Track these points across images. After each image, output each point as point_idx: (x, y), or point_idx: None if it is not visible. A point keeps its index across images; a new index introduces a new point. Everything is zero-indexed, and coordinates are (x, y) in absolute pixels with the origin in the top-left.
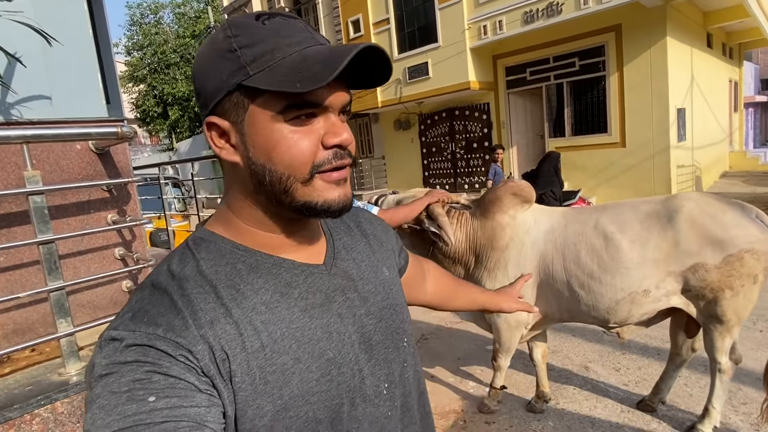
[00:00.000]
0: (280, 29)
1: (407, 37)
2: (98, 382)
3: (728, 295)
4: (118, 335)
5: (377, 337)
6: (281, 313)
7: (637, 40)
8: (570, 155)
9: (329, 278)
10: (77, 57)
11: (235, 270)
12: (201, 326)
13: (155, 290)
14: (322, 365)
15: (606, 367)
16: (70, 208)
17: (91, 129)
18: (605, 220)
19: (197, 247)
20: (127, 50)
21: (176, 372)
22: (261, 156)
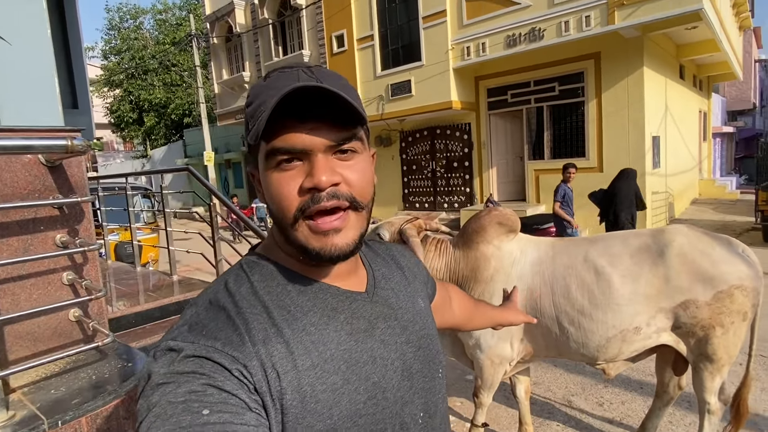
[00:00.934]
0: (273, 82)
1: (391, 54)
2: (155, 391)
3: (719, 332)
4: (176, 346)
5: (417, 365)
6: (329, 335)
7: (615, 68)
8: (548, 178)
9: (371, 306)
10: (32, 60)
11: (285, 291)
12: (255, 343)
13: (212, 306)
14: (369, 388)
15: (589, 401)
16: (12, 226)
17: (35, 141)
18: (595, 254)
19: (251, 269)
20: (104, 54)
21: (230, 387)
22: (268, 199)
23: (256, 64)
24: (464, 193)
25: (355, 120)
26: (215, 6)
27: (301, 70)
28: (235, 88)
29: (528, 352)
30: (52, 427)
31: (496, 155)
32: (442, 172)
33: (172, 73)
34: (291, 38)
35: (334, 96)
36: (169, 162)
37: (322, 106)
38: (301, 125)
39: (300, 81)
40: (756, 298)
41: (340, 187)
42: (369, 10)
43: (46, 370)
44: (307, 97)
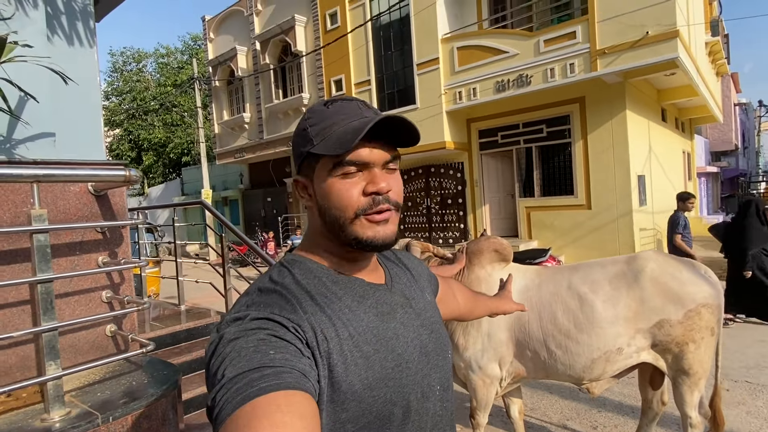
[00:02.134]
0: (338, 109)
1: (387, 97)
2: (228, 344)
3: (692, 348)
4: (242, 314)
5: (431, 345)
6: (360, 315)
7: (600, 111)
8: (539, 215)
9: (391, 295)
10: (83, 101)
11: (321, 282)
12: (306, 313)
13: (263, 292)
14: (395, 358)
15: (583, 425)
16: (62, 248)
17: (100, 171)
18: (578, 281)
19: (291, 266)
20: (106, 95)
21: (289, 338)
22: (324, 202)
23: (257, 105)
24: (458, 228)
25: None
26: (218, 51)
27: (359, 102)
28: (235, 128)
29: (518, 373)
30: (104, 422)
31: (488, 193)
32: (437, 209)
33: (172, 113)
34: (291, 82)
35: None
36: (166, 199)
37: (381, 131)
38: (367, 144)
39: (364, 111)
40: (719, 314)
41: (390, 193)
42: (366, 58)
43: (88, 378)
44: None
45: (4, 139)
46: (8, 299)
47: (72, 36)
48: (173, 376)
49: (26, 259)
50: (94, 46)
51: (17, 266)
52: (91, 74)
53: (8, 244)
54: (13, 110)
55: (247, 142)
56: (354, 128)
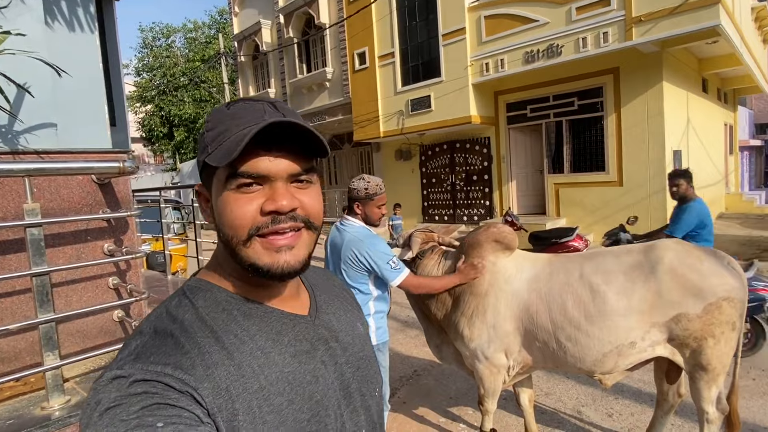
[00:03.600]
0: (237, 111)
1: (411, 70)
2: (104, 415)
3: (711, 343)
4: (123, 373)
5: (354, 384)
6: (274, 358)
7: (634, 83)
8: (568, 192)
9: (314, 328)
10: (85, 89)
11: (231, 316)
12: (208, 366)
13: (157, 335)
14: (312, 407)
15: (599, 412)
16: (67, 237)
17: (93, 163)
18: (590, 271)
19: (194, 296)
20: (137, 71)
21: (183, 403)
22: (218, 219)
23: (282, 80)
24: (483, 206)
25: (316, 153)
26: (243, 25)
27: (267, 105)
28: None
29: (525, 363)
30: None
31: (515, 169)
32: (462, 186)
33: (201, 89)
34: (315, 56)
35: (302, 131)
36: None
37: (287, 139)
38: (267, 153)
39: (266, 115)
40: (742, 309)
41: (298, 211)
42: (390, 29)
43: (94, 364)
44: (276, 130)
45: (6, 129)
46: (15, 287)
47: (72, 22)
48: None
49: None
50: (95, 32)
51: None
52: (92, 60)
53: (13, 234)
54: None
55: None
56: (244, 135)
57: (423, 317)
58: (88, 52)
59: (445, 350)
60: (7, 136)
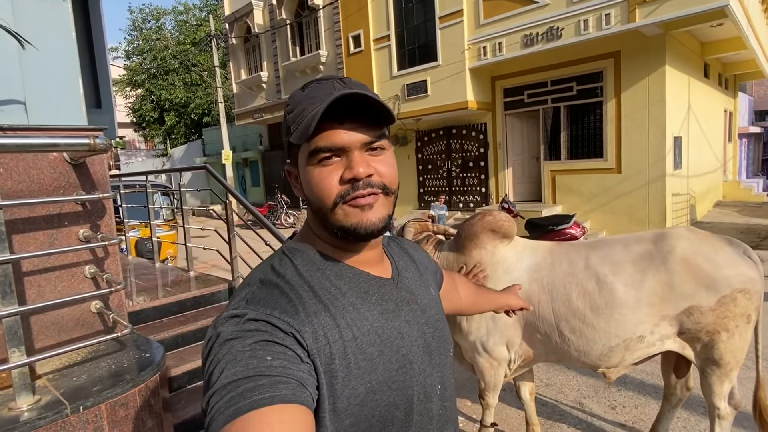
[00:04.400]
0: (311, 92)
1: (407, 54)
2: (224, 345)
3: (724, 337)
4: (239, 312)
5: (434, 344)
6: (365, 314)
7: (636, 67)
8: (565, 179)
9: (397, 290)
10: (57, 62)
11: (325, 275)
12: (309, 314)
13: (264, 285)
14: (399, 359)
15: (601, 404)
16: (38, 222)
17: (60, 140)
18: (596, 261)
19: (293, 255)
20: (127, 54)
21: (288, 343)
22: (307, 192)
23: (274, 64)
24: (480, 192)
25: (384, 120)
26: (234, 7)
27: (336, 81)
28: (253, 88)
29: (527, 356)
30: (74, 412)
31: (512, 155)
32: (458, 172)
33: (192, 73)
34: (308, 38)
35: (368, 101)
36: (189, 160)
37: (357, 111)
38: (340, 126)
39: (335, 90)
40: (758, 300)
41: (374, 177)
42: (386, 11)
43: (69, 359)
44: (345, 104)
45: None
46: None
47: None
48: (156, 359)
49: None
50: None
51: None
52: (65, 32)
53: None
54: None
55: (265, 102)
56: (317, 112)
57: None
58: (60, 22)
59: None
60: None
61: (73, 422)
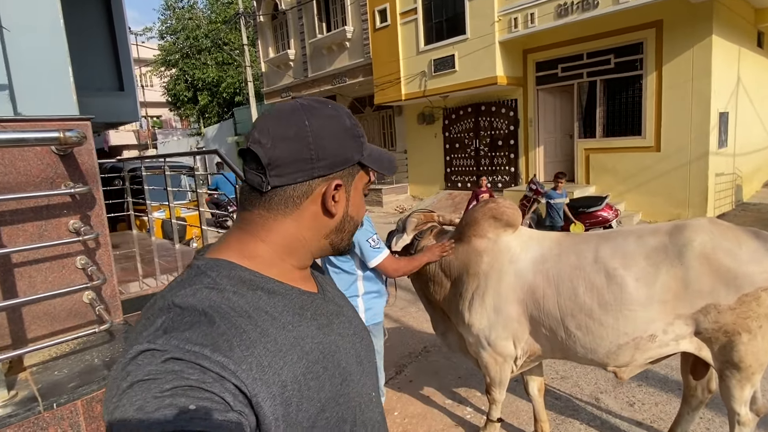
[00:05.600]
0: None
1: (434, 28)
2: (136, 386)
3: (745, 338)
4: (157, 347)
5: (363, 353)
6: (304, 330)
7: (680, 37)
8: (599, 157)
9: (326, 304)
10: (44, 49)
11: (257, 295)
12: (247, 347)
13: (185, 312)
14: (341, 372)
15: (619, 400)
16: (27, 213)
17: (29, 134)
18: (607, 253)
19: (217, 273)
20: (161, 34)
21: (217, 389)
22: (354, 211)
23: (301, 41)
24: (509, 172)
25: None
26: None
27: None
28: (281, 66)
29: (533, 352)
30: (47, 409)
31: (543, 133)
32: (486, 151)
33: (223, 52)
34: (334, 14)
35: None
36: (221, 140)
37: None
38: None
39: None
40: None
41: None
42: None
43: (58, 350)
44: None
45: None
46: None
47: None
48: None
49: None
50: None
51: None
52: (51, 19)
53: None
54: None
55: (292, 81)
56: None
57: (427, 303)
58: (47, 8)
59: (450, 337)
60: None
61: (46, 419)
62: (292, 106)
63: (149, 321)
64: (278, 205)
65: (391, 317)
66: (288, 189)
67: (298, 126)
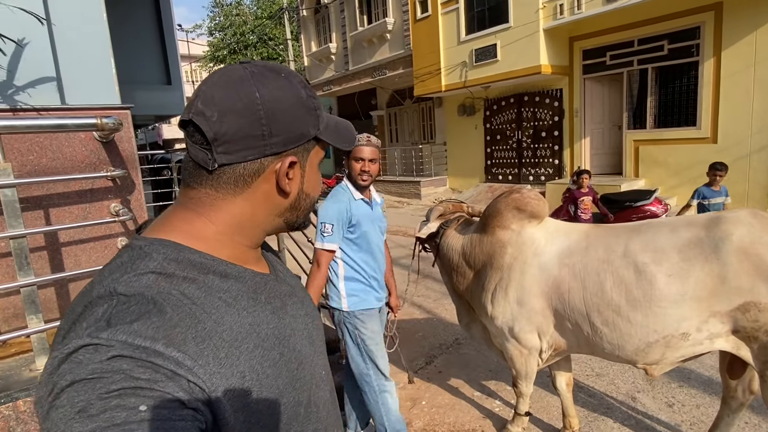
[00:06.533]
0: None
1: (476, 16)
2: (80, 386)
3: None
4: (104, 342)
5: (315, 333)
6: (259, 316)
7: (741, 20)
8: (649, 149)
9: (278, 285)
10: (89, 42)
11: (209, 279)
12: (202, 339)
13: (131, 299)
14: (297, 356)
15: (657, 400)
16: (73, 197)
17: (67, 120)
18: (636, 247)
19: (162, 255)
20: (210, 31)
21: (170, 389)
22: (309, 188)
23: (342, 35)
24: (552, 165)
25: None
26: None
27: None
28: (323, 60)
29: (558, 346)
30: None
31: (590, 124)
32: (529, 143)
33: (268, 47)
34: (375, 6)
35: None
36: None
37: None
38: None
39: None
40: None
41: None
42: None
43: None
44: None
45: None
46: None
47: None
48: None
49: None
50: None
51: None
52: (95, 12)
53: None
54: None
55: (334, 74)
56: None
57: (453, 293)
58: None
59: (474, 329)
60: (6, 93)
61: None
62: (240, 74)
63: (87, 310)
64: (227, 184)
65: (424, 308)
66: (237, 167)
67: (248, 97)
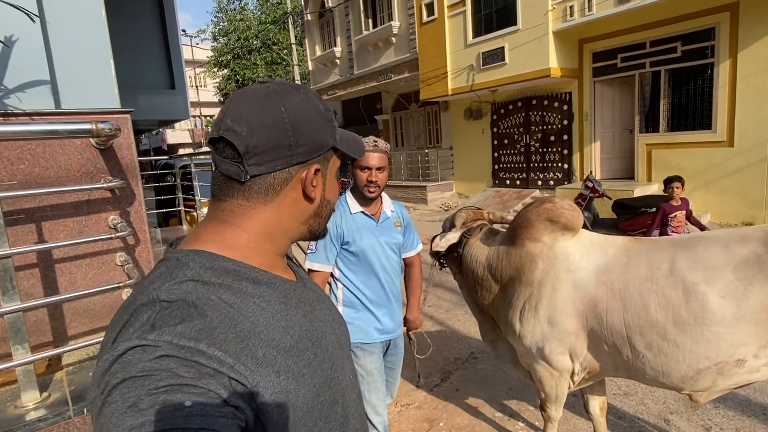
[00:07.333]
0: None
1: (483, 19)
2: (131, 383)
3: None
4: (151, 343)
5: (342, 338)
6: (291, 319)
7: (759, 20)
8: (662, 153)
9: (306, 291)
10: (86, 44)
11: (243, 285)
12: (241, 339)
13: (173, 305)
14: (329, 358)
15: (692, 423)
16: (68, 208)
17: (59, 125)
18: (685, 265)
19: (201, 265)
20: (214, 36)
21: (213, 387)
22: (330, 194)
23: (347, 38)
24: (561, 169)
25: None
26: None
27: None
28: (327, 64)
29: (592, 369)
30: (77, 414)
31: (600, 128)
32: (537, 147)
33: (272, 51)
34: (381, 10)
35: None
36: None
37: None
38: None
39: None
40: None
41: None
42: None
43: (96, 350)
44: None
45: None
46: None
47: None
48: None
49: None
50: None
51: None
52: (93, 14)
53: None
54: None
55: (338, 79)
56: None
57: (476, 309)
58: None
59: (500, 347)
60: None
61: (77, 424)
62: (264, 91)
63: (132, 317)
64: (258, 193)
65: (437, 319)
66: (268, 177)
67: (275, 112)
